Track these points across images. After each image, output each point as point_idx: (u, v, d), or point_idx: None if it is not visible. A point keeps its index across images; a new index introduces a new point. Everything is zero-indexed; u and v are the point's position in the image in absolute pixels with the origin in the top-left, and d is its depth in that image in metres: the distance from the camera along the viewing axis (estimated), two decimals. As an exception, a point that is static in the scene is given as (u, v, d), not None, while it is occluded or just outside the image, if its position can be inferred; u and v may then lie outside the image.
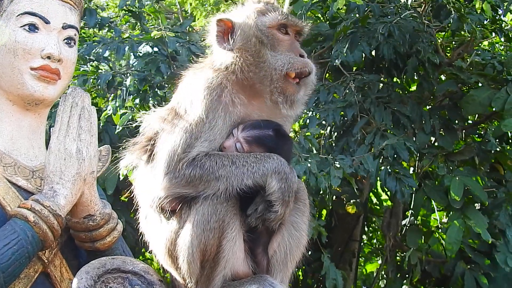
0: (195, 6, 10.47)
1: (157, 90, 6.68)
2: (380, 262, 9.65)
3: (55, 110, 2.88)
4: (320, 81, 6.52)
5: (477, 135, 7.98)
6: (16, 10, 2.82)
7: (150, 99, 6.49)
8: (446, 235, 6.28)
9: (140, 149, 2.74)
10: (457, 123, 7.28)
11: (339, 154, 6.20)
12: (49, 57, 2.80)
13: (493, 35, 7.17)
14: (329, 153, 6.33)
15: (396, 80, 7.56)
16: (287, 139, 2.76)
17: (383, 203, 9.27)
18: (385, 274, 8.74)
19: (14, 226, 2.45)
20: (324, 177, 5.52)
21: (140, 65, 6.48)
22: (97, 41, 6.74)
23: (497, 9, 6.73)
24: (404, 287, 7.71)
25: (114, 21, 7.80)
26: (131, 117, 5.79)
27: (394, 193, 6.16)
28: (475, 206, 6.66)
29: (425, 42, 6.61)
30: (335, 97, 6.74)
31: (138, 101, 6.56)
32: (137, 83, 6.37)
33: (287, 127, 2.84)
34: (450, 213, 6.73)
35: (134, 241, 4.37)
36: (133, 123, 2.97)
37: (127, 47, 6.37)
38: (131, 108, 6.18)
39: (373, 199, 9.21)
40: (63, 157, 2.61)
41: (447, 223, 6.76)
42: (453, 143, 6.90)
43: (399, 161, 6.21)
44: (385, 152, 6.00)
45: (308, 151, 5.91)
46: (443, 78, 7.57)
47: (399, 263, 8.10)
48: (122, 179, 5.08)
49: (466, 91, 7.15)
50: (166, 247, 2.60)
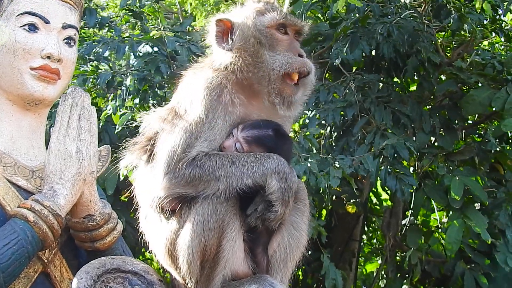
0: (195, 6, 10.46)
1: (157, 90, 6.67)
2: (380, 262, 9.65)
3: (55, 110, 2.88)
4: (320, 81, 6.51)
5: (477, 135, 7.98)
6: (16, 10, 2.82)
7: (150, 99, 6.48)
8: (446, 235, 6.28)
9: (140, 149, 2.74)
10: (457, 123, 7.28)
11: (339, 154, 6.20)
12: (49, 57, 2.80)
13: (493, 35, 7.16)
14: (329, 153, 6.33)
15: (396, 80, 7.56)
16: (286, 139, 2.75)
17: (383, 203, 9.27)
18: (385, 274, 8.74)
19: (14, 226, 2.45)
20: (323, 177, 5.52)
21: (140, 64, 6.48)
22: (97, 40, 6.74)
23: (497, 9, 6.73)
24: (404, 287, 7.71)
25: (114, 20, 7.79)
26: (130, 117, 5.79)
27: (394, 191, 6.16)
28: (475, 206, 6.66)
29: (425, 42, 6.61)
30: (335, 97, 6.73)
31: (138, 101, 6.55)
32: (136, 83, 6.37)
33: (287, 127, 2.83)
34: (450, 213, 6.73)
35: (135, 241, 4.37)
36: (133, 123, 2.96)
37: (127, 46, 6.37)
38: (131, 108, 6.18)
39: (373, 199, 9.20)
40: (63, 157, 2.61)
41: (447, 223, 6.76)
42: (453, 143, 6.90)
43: (399, 160, 6.20)
44: (385, 151, 6.00)
45: (308, 151, 5.90)
46: (443, 78, 7.57)
47: (399, 263, 8.10)
48: (122, 179, 5.08)
49: (466, 91, 7.15)
50: (166, 247, 2.60)
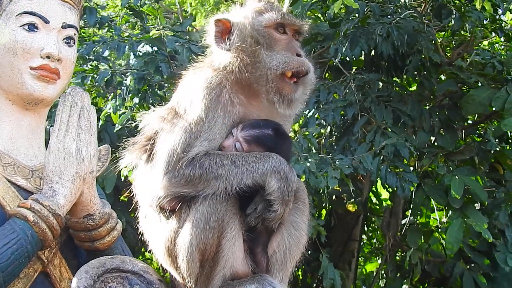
0: (195, 6, 10.45)
1: (156, 90, 6.67)
2: (379, 261, 9.65)
3: (54, 110, 2.88)
4: (320, 80, 6.51)
5: (477, 135, 7.98)
6: (16, 9, 2.82)
7: (150, 98, 6.48)
8: (446, 234, 6.27)
9: (140, 148, 2.74)
10: (457, 122, 7.27)
11: (339, 154, 6.20)
12: (48, 57, 2.80)
13: (493, 34, 7.16)
14: (330, 153, 6.33)
15: (395, 79, 7.56)
16: (286, 138, 2.75)
17: (383, 202, 9.27)
18: (384, 273, 8.74)
19: (14, 225, 2.45)
20: (323, 177, 5.52)
21: (140, 64, 6.48)
22: (96, 40, 6.74)
23: (497, 8, 6.73)
24: (404, 287, 7.71)
25: (114, 20, 7.79)
26: (130, 116, 5.79)
27: (395, 189, 6.15)
28: (475, 206, 6.66)
29: (425, 42, 6.60)
30: (335, 97, 6.73)
31: (137, 100, 6.55)
32: (136, 82, 6.37)
33: (286, 126, 2.83)
34: (450, 213, 6.73)
35: (135, 241, 4.37)
36: (133, 123, 2.96)
37: (126, 46, 6.36)
38: (130, 108, 6.18)
39: (373, 198, 9.21)
40: (63, 156, 2.61)
41: (446, 222, 6.76)
42: (453, 143, 6.89)
43: (399, 158, 6.20)
44: (385, 150, 6.00)
45: (308, 150, 5.90)
46: (443, 77, 7.57)
47: (398, 263, 8.10)
48: (122, 179, 5.08)
49: (466, 90, 7.15)
50: (165, 247, 2.60)
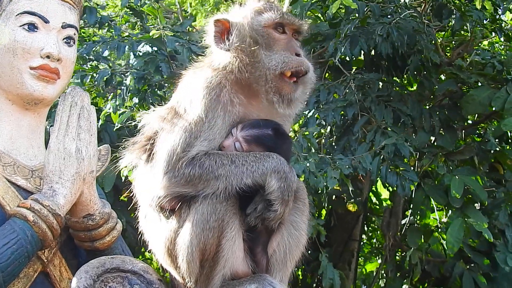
0: (195, 6, 10.44)
1: (156, 90, 6.67)
2: (379, 261, 9.65)
3: (54, 110, 2.88)
4: (320, 80, 6.51)
5: (476, 135, 7.97)
6: (16, 9, 2.82)
7: (150, 98, 6.48)
8: (447, 233, 6.25)
9: (140, 148, 2.73)
10: (456, 122, 7.27)
11: (339, 154, 6.20)
12: (48, 57, 2.80)
13: (493, 34, 7.16)
14: (330, 153, 6.32)
15: (395, 79, 7.56)
16: (286, 138, 2.75)
17: (383, 202, 9.27)
18: (384, 273, 8.74)
19: (14, 225, 2.45)
20: (322, 177, 5.51)
21: (140, 64, 6.48)
22: (96, 40, 6.74)
23: (497, 8, 6.73)
24: (404, 287, 7.72)
25: (114, 20, 7.79)
26: (130, 115, 5.79)
27: (395, 188, 6.14)
28: (475, 206, 6.66)
29: (424, 42, 6.59)
30: (335, 97, 6.73)
31: (137, 100, 6.55)
32: (135, 82, 6.36)
33: (286, 126, 2.83)
34: (450, 213, 6.73)
35: (135, 241, 4.37)
36: (133, 122, 2.96)
37: (126, 46, 6.36)
38: (130, 107, 6.17)
39: (372, 198, 9.21)
40: (63, 156, 2.61)
41: (447, 222, 6.75)
42: (453, 143, 6.89)
43: (400, 158, 6.20)
44: (385, 149, 5.99)
45: (308, 150, 5.90)
46: (443, 77, 7.57)
47: (398, 263, 8.10)
48: (122, 179, 5.08)
49: (466, 90, 7.15)
50: (165, 246, 2.60)
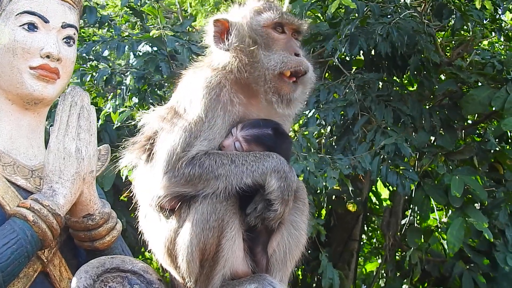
0: (195, 6, 10.44)
1: (156, 89, 6.67)
2: (379, 261, 9.65)
3: (54, 110, 2.88)
4: (320, 80, 6.50)
5: (476, 135, 7.97)
6: (15, 9, 2.82)
7: (149, 98, 6.48)
8: (447, 233, 6.24)
9: (140, 148, 2.73)
10: (456, 122, 7.27)
11: (340, 153, 6.20)
12: (48, 56, 2.80)
13: (493, 34, 7.16)
14: (330, 152, 6.32)
15: (395, 79, 7.55)
16: (286, 138, 2.75)
17: (383, 202, 9.28)
18: (384, 273, 8.74)
19: (13, 225, 2.45)
20: (321, 177, 5.51)
21: (140, 63, 6.48)
22: (96, 40, 6.73)
23: (497, 8, 6.72)
24: (404, 286, 7.72)
25: (113, 19, 7.79)
26: (130, 115, 5.79)
27: (395, 187, 6.13)
28: (475, 206, 6.66)
29: (424, 42, 6.59)
30: (335, 96, 6.73)
31: (137, 100, 6.55)
32: (135, 81, 6.36)
33: (286, 126, 2.83)
34: (450, 212, 6.72)
35: (135, 241, 4.37)
36: (132, 122, 2.96)
37: (126, 46, 6.36)
38: (130, 107, 6.17)
39: (372, 198, 9.21)
40: (62, 156, 2.61)
41: (447, 222, 6.75)
42: (453, 143, 6.89)
43: (400, 157, 6.20)
44: (386, 148, 5.99)
45: (308, 150, 5.89)
46: (442, 77, 7.56)
47: (398, 263, 8.10)
48: (122, 179, 5.07)
49: (465, 90, 7.15)
50: (165, 246, 2.60)
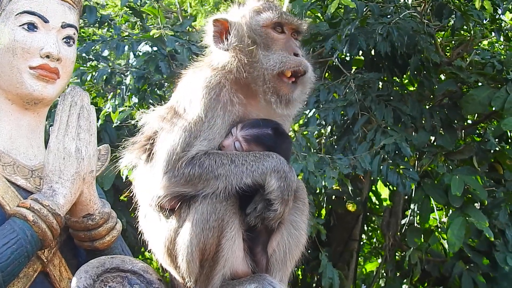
0: (195, 6, 10.43)
1: (156, 89, 6.67)
2: (380, 261, 9.65)
3: (54, 110, 2.88)
4: (320, 80, 6.50)
5: (476, 135, 7.97)
6: (15, 9, 2.82)
7: (149, 98, 6.48)
8: (448, 232, 6.23)
9: (139, 148, 2.73)
10: (456, 122, 7.27)
11: (340, 153, 6.20)
12: (48, 56, 2.80)
13: (493, 34, 7.16)
14: (330, 152, 6.32)
15: (395, 79, 7.55)
16: (286, 137, 2.75)
17: (383, 202, 9.28)
18: (384, 273, 8.74)
19: (13, 225, 2.45)
20: (321, 176, 5.51)
21: (140, 63, 6.48)
22: (96, 39, 6.73)
23: (497, 8, 6.72)
24: (404, 286, 7.72)
25: (113, 19, 7.79)
26: (129, 114, 5.78)
27: (396, 186, 6.13)
28: (475, 206, 6.66)
29: (424, 42, 6.59)
30: (335, 96, 6.73)
31: (136, 100, 6.55)
32: (135, 81, 6.36)
33: (286, 126, 2.83)
34: (450, 212, 6.72)
35: (135, 241, 4.37)
36: (132, 121, 2.96)
37: (126, 46, 6.36)
38: (130, 107, 6.17)
39: (372, 198, 9.21)
40: (62, 156, 2.61)
41: (447, 222, 6.75)
42: (453, 142, 6.89)
43: (400, 156, 6.20)
44: (386, 147, 5.98)
45: (307, 149, 5.89)
46: (442, 77, 7.56)
47: (398, 263, 8.10)
48: (122, 179, 5.07)
49: (465, 90, 7.15)
50: (165, 246, 2.60)
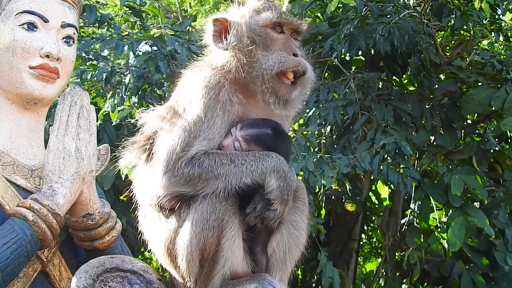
0: (195, 6, 10.43)
1: (155, 89, 6.66)
2: (379, 261, 9.66)
3: (54, 109, 2.88)
4: (319, 80, 6.50)
5: (476, 134, 7.97)
6: (15, 8, 2.82)
7: (149, 97, 6.48)
8: (449, 231, 6.22)
9: (139, 148, 2.73)
10: (456, 122, 7.27)
11: (339, 153, 6.19)
12: (48, 56, 2.80)
13: (493, 34, 7.17)
14: (331, 152, 6.32)
15: (395, 78, 7.55)
16: (285, 137, 2.75)
17: (383, 202, 9.28)
18: (384, 272, 8.74)
19: (13, 225, 2.45)
20: (320, 176, 5.51)
21: (139, 62, 6.47)
22: (95, 37, 6.72)
23: (496, 8, 6.72)
24: (404, 286, 7.72)
25: (113, 19, 7.79)
26: (129, 113, 5.78)
27: (396, 185, 6.13)
28: (475, 205, 6.66)
29: (423, 42, 6.59)
30: (334, 96, 6.72)
31: (136, 99, 6.55)
32: (135, 80, 6.35)
33: (285, 126, 2.83)
34: (450, 212, 6.73)
35: (135, 241, 4.37)
36: (131, 121, 2.96)
37: (126, 45, 6.36)
38: (130, 107, 6.17)
39: (372, 198, 9.21)
40: (62, 156, 2.61)
41: (447, 221, 6.75)
42: (452, 142, 6.89)
43: (400, 155, 6.20)
44: (386, 147, 5.98)
45: (307, 149, 5.89)
46: (442, 77, 7.56)
47: (398, 262, 8.10)
48: (122, 179, 5.07)
49: (465, 90, 7.15)
50: (165, 246, 2.60)
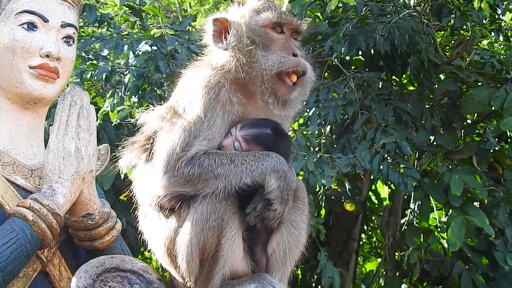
0: (195, 6, 10.43)
1: (155, 88, 6.66)
2: (379, 260, 9.66)
3: (54, 109, 2.88)
4: (319, 79, 6.50)
5: (476, 134, 7.97)
6: (15, 8, 2.81)
7: (149, 97, 6.47)
8: (449, 230, 6.22)
9: (139, 148, 2.73)
10: (456, 122, 7.27)
11: (339, 152, 6.19)
12: (48, 56, 2.80)
13: (492, 34, 7.17)
14: (330, 151, 6.32)
15: (395, 78, 7.55)
16: (285, 137, 2.75)
17: (382, 202, 9.28)
18: (384, 272, 8.75)
19: (13, 225, 2.45)
20: (320, 175, 5.51)
21: (139, 62, 6.47)
22: (95, 36, 6.71)
23: (496, 8, 6.72)
24: (403, 286, 7.72)
25: (113, 18, 7.78)
26: (129, 113, 5.78)
27: (396, 185, 6.13)
28: (475, 205, 6.66)
29: (424, 43, 6.58)
30: (334, 96, 6.72)
31: (136, 99, 6.54)
32: (135, 80, 6.35)
33: (285, 125, 2.83)
34: (450, 212, 6.73)
35: (135, 241, 4.37)
36: (131, 120, 2.97)
37: (125, 45, 6.36)
38: (129, 106, 6.17)
39: (372, 198, 9.21)
40: (62, 156, 2.61)
41: (447, 221, 6.76)
42: (452, 142, 6.89)
43: (401, 155, 6.19)
44: (386, 146, 5.98)
45: (307, 149, 5.89)
46: (442, 77, 7.56)
47: (398, 262, 8.11)
48: (122, 179, 5.07)
49: (465, 90, 7.15)
50: (165, 246, 2.60)
